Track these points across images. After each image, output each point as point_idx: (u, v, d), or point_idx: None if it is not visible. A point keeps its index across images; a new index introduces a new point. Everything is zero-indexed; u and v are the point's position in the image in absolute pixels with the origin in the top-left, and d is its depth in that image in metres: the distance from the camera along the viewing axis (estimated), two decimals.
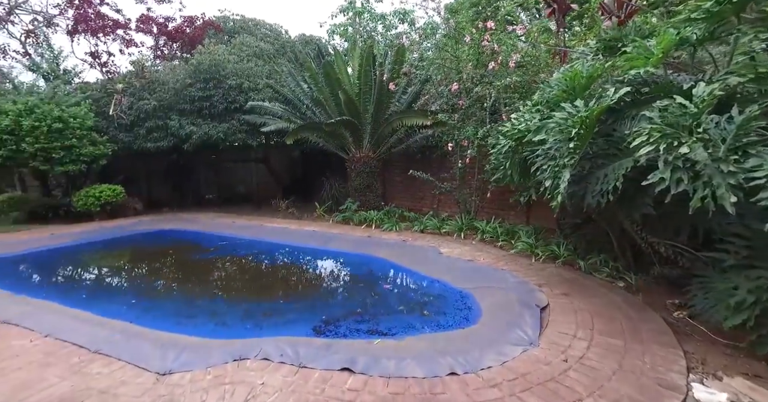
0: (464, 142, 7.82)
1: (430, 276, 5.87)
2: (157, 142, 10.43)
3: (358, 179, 10.39)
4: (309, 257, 7.80)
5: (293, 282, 6.34)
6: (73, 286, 6.17)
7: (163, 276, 6.85)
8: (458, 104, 7.75)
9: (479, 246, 7.13)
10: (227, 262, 7.52)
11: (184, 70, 10.30)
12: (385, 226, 8.85)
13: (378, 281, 6.15)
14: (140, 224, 10.28)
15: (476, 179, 8.82)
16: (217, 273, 6.90)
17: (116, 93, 10.01)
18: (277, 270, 7.03)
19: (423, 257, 6.66)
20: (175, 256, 8.12)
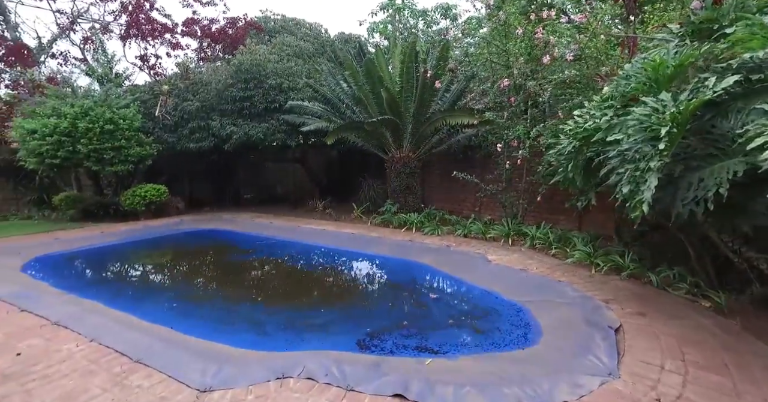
0: (514, 143, 7.32)
1: (478, 286, 5.46)
2: (199, 142, 10.58)
3: (397, 180, 10.10)
4: (348, 261, 7.57)
5: (333, 288, 6.11)
6: (118, 286, 6.24)
7: (202, 278, 6.83)
8: (508, 101, 7.25)
9: (529, 253, 6.63)
10: (265, 264, 7.42)
11: (225, 70, 10.38)
12: (426, 230, 8.50)
13: (423, 290, 5.81)
14: (182, 224, 10.47)
15: (524, 181, 8.29)
16: (256, 276, 6.81)
17: (162, 94, 10.24)
18: (315, 274, 6.84)
19: (469, 264, 6.26)
20: (215, 256, 8.14)
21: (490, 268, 5.95)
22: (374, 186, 12.22)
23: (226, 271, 7.07)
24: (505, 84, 6.94)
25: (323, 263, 7.62)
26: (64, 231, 9.25)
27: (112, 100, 9.99)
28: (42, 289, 5.54)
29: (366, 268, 7.16)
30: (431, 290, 5.75)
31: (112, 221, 10.54)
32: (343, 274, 6.99)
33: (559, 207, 8.43)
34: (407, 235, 8.39)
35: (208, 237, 9.63)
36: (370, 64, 8.17)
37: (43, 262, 7.24)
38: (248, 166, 15.78)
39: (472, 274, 5.87)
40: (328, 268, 7.36)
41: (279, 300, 5.45)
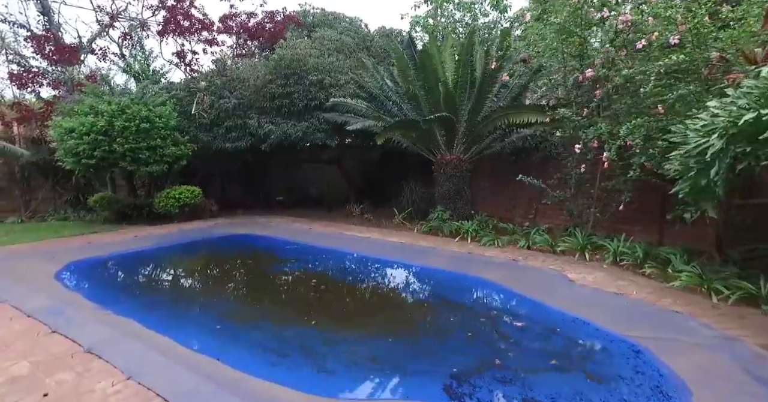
0: (593, 143, 6.36)
1: (567, 312, 4.59)
2: (236, 141, 10.08)
3: (447, 184, 9.29)
4: (403, 275, 6.83)
5: (393, 309, 5.36)
6: (154, 300, 5.67)
7: (244, 291, 6.20)
8: (593, 95, 6.30)
9: (616, 272, 5.70)
10: (310, 276, 6.73)
11: (264, 66, 9.84)
12: (483, 241, 7.66)
13: (501, 315, 4.99)
14: (217, 227, 9.98)
15: (598, 187, 7.33)
16: (301, 290, 6.13)
17: (199, 91, 9.80)
18: (368, 290, 6.11)
19: (547, 284, 5.40)
20: (254, 266, 7.54)
21: (575, 290, 5.07)
22: (417, 190, 11.46)
23: (269, 284, 6.44)
24: (588, 75, 6.01)
25: (374, 277, 6.89)
26: (98, 234, 8.88)
27: (149, 97, 9.61)
28: (75, 302, 5.04)
29: (425, 285, 6.37)
30: (511, 316, 4.91)
31: (145, 223, 10.17)
32: (400, 290, 6.21)
33: (634, 216, 7.44)
34: (462, 245, 7.57)
35: (245, 243, 9.09)
36: (425, 57, 7.39)
37: (77, 268, 6.82)
38: (280, 167, 15.29)
39: (554, 296, 5.01)
40: (382, 283, 6.62)
41: (334, 324, 4.74)
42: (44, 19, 12.81)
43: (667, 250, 6.04)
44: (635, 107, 6.04)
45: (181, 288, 6.33)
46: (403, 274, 6.81)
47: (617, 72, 5.78)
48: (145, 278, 6.88)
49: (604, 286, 5.07)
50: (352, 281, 6.59)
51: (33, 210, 12.44)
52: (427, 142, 9.29)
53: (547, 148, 9.15)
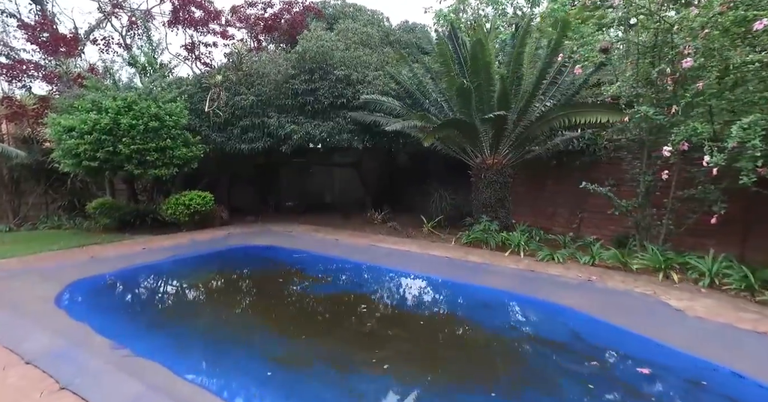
0: (684, 146, 5.50)
1: (700, 357, 3.72)
2: (252, 142, 9.13)
3: (488, 191, 8.46)
4: (464, 299, 5.91)
5: (476, 347, 4.41)
6: (182, 334, 4.69)
7: (286, 322, 5.14)
8: (687, 89, 5.47)
9: (726, 299, 4.84)
10: (356, 300, 5.77)
11: (286, 60, 8.91)
12: (540, 256, 6.81)
13: (611, 356, 4.11)
14: (232, 238, 9.00)
15: (673, 197, 6.55)
16: (353, 320, 5.16)
17: (214, 86, 8.83)
18: (434, 320, 5.15)
19: (648, 314, 4.57)
20: (288, 285, 6.54)
21: (690, 324, 4.24)
22: (446, 197, 10.62)
23: (312, 311, 5.49)
24: (686, 65, 5.17)
25: (434, 301, 5.95)
26: (100, 246, 7.86)
27: (158, 92, 8.62)
28: (85, 340, 4.09)
29: (496, 312, 5.40)
30: (626, 358, 4.03)
31: (150, 233, 9.16)
32: (470, 319, 5.20)
33: (705, 228, 6.65)
34: (516, 261, 6.72)
35: (269, 257, 8.14)
36: (479, 49, 6.54)
37: (80, 289, 5.83)
38: (291, 170, 14.34)
39: (668, 332, 4.17)
40: (445, 309, 5.65)
41: (411, 368, 3.83)
42: (36, 8, 11.75)
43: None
44: (739, 102, 5.25)
45: (208, 315, 5.35)
46: (465, 297, 5.90)
47: (723, 60, 4.97)
48: (162, 301, 5.91)
49: (727, 318, 4.24)
50: (410, 307, 5.62)
51: (22, 217, 11.34)
52: (465, 145, 8.46)
53: (596, 151, 8.40)
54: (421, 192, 13.35)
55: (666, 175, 5.98)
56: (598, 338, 4.39)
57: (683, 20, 5.46)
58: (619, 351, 4.19)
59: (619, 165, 8.29)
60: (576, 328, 4.60)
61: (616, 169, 8.30)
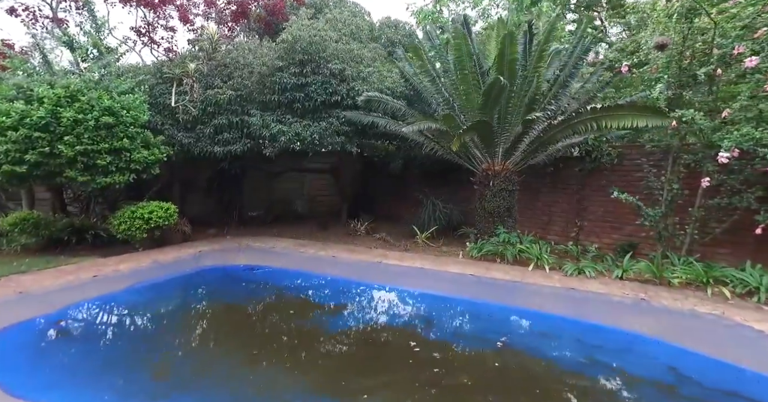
0: (734, 152, 5.16)
1: None
2: (229, 145, 7.75)
3: (496, 200, 7.86)
4: (510, 327, 5.09)
5: (562, 396, 3.61)
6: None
7: (307, 377, 3.97)
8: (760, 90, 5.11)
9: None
10: (391, 337, 4.70)
11: (272, 50, 7.67)
12: (569, 270, 6.27)
13: (720, 397, 3.49)
14: (204, 258, 7.53)
15: (699, 206, 6.33)
16: (400, 367, 4.05)
17: (185, 77, 7.36)
18: (498, 360, 4.22)
19: (735, 339, 4.09)
20: (293, 319, 5.31)
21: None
22: (439, 205, 9.91)
23: (339, 356, 4.35)
24: (750, 64, 4.85)
25: (483, 333, 4.94)
26: (29, 275, 6.06)
27: (111, 80, 6.98)
28: None
29: (562, 343, 4.59)
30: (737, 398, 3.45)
31: (95, 253, 7.41)
32: (540, 357, 4.29)
33: (719, 236, 6.52)
34: (543, 276, 6.11)
35: (256, 280, 6.83)
36: (509, 42, 5.88)
37: (11, 343, 4.22)
38: (256, 177, 12.86)
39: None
40: (505, 343, 4.69)
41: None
42: None
43: None
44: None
45: (200, 370, 4.03)
46: (515, 325, 5.09)
47: None
48: (133, 353, 4.43)
49: None
50: (463, 342, 4.62)
51: None
52: (477, 149, 7.80)
53: (597, 158, 8.13)
54: (402, 200, 12.60)
55: (707, 182, 5.71)
56: (704, 376, 3.77)
57: (733, 18, 5.22)
58: (724, 387, 3.60)
59: (622, 172, 8.13)
60: (667, 361, 3.99)
61: (618, 177, 8.12)
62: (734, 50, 5.30)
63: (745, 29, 5.43)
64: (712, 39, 5.62)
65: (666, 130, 6.29)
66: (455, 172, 10.43)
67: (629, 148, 8.04)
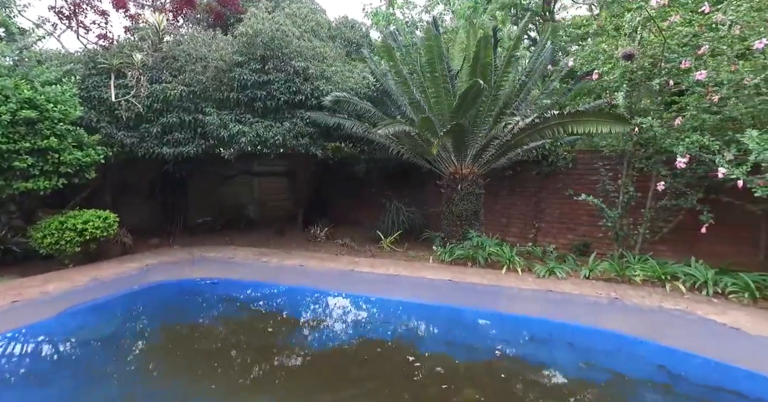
0: (684, 161, 5.58)
1: None
2: (180, 145, 6.96)
3: (463, 203, 7.92)
4: (501, 334, 5.03)
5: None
6: None
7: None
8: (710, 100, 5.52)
9: (748, 309, 4.95)
10: (386, 351, 4.40)
11: (230, 43, 7.00)
12: (540, 272, 6.42)
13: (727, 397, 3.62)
14: (153, 272, 6.69)
15: (650, 208, 6.82)
16: (404, 386, 3.80)
17: (129, 69, 6.45)
18: (500, 369, 4.09)
19: (705, 334, 4.38)
20: (270, 341, 4.77)
21: (759, 342, 4.11)
22: (402, 209, 9.80)
23: (333, 374, 3.97)
24: (700, 77, 5.26)
25: (477, 342, 4.81)
26: None
27: (31, 67, 5.93)
28: None
29: (555, 347, 4.60)
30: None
31: (8, 273, 6.29)
32: (539, 363, 4.32)
33: (665, 235, 7.11)
34: (518, 279, 6.20)
35: (220, 295, 6.18)
36: (484, 45, 5.90)
37: None
38: (202, 180, 11.87)
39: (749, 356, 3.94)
40: (501, 351, 4.58)
41: None
42: None
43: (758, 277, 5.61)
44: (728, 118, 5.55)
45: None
46: (506, 331, 5.01)
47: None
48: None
49: (762, 331, 4.25)
50: (460, 352, 4.42)
51: None
52: (447, 152, 7.78)
53: (553, 162, 8.50)
54: (359, 204, 12.33)
55: (662, 186, 6.14)
56: (688, 372, 3.94)
57: (676, 35, 5.67)
58: (727, 388, 3.76)
59: (577, 175, 8.58)
60: (654, 360, 4.15)
61: (573, 180, 8.57)
62: (681, 64, 5.77)
63: (687, 46, 5.92)
64: (662, 53, 6.08)
65: (621, 136, 6.69)
66: (415, 175, 10.41)
67: (582, 152, 8.52)
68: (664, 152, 6.35)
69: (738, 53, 5.43)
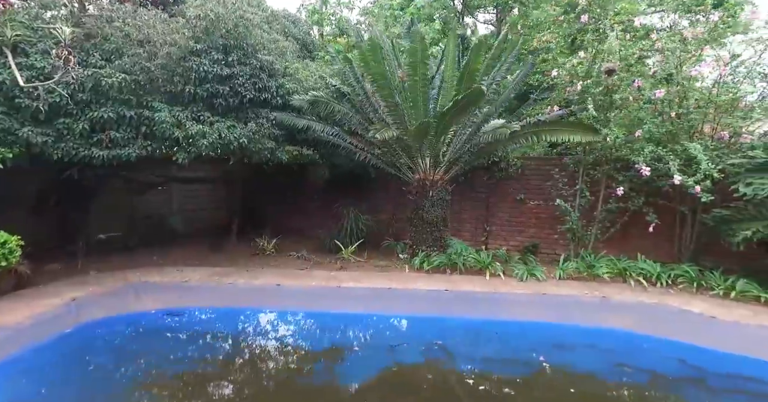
0: (647, 169, 6.27)
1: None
2: (118, 147, 5.56)
3: (434, 210, 7.88)
4: (524, 344, 4.99)
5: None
6: None
7: None
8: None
9: (701, 298, 5.74)
10: (427, 386, 3.94)
11: (185, 27, 5.80)
12: (518, 274, 6.62)
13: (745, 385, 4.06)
14: (85, 308, 5.19)
15: (602, 210, 7.60)
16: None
17: (56, 46, 4.86)
18: (550, 381, 4.02)
19: (691, 325, 4.95)
20: (287, 380, 3.94)
21: (733, 329, 4.74)
22: (361, 217, 9.38)
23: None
24: (659, 95, 6.04)
25: (511, 355, 4.70)
26: None
27: None
28: None
29: (580, 353, 4.71)
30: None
31: None
32: (580, 372, 4.34)
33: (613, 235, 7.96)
34: (506, 283, 6.38)
35: (185, 331, 5.03)
36: (476, 51, 5.89)
37: None
38: (113, 188, 9.85)
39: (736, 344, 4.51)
40: (539, 362, 4.50)
41: None
42: None
43: (688, 268, 6.61)
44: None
45: None
46: (528, 340, 5.00)
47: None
48: None
49: (748, 318, 4.93)
50: (515, 373, 4.24)
51: None
52: (417, 158, 7.64)
53: (505, 168, 9.00)
54: (299, 212, 11.52)
55: (621, 191, 6.87)
56: (708, 364, 4.34)
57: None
58: (739, 375, 4.22)
59: (525, 180, 9.20)
60: (671, 354, 4.52)
61: (521, 185, 9.18)
62: (634, 83, 6.56)
63: (638, 64, 6.77)
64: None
65: (585, 145, 7.31)
66: (363, 181, 10.11)
67: (530, 159, 9.18)
68: (620, 160, 7.17)
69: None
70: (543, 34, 8.39)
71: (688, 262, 6.83)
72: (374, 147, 8.07)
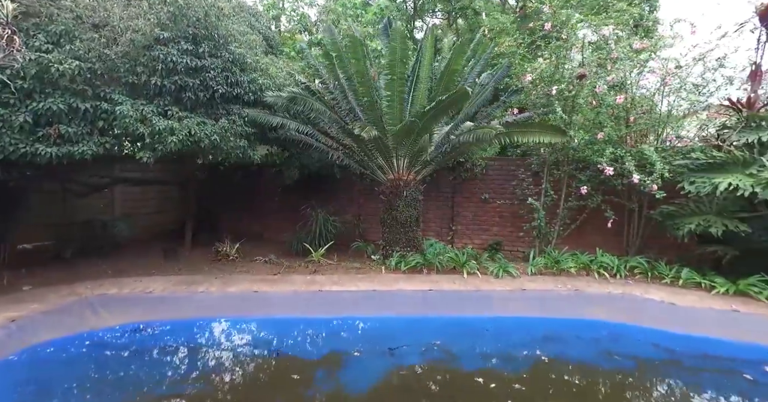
0: (611, 169, 6.72)
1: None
2: (70, 143, 4.87)
3: (408, 210, 7.91)
4: (519, 338, 5.10)
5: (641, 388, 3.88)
6: None
7: None
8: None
9: (658, 286, 6.32)
10: (450, 392, 3.84)
11: (150, 13, 5.20)
12: (493, 271, 6.83)
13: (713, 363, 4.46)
14: (29, 329, 4.48)
15: (564, 207, 8.10)
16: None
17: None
18: (549, 369, 4.13)
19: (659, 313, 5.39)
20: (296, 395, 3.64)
21: (691, 313, 5.27)
22: (329, 218, 9.14)
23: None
24: (619, 101, 6.56)
25: (516, 354, 4.74)
26: None
27: None
28: None
29: (570, 344, 4.89)
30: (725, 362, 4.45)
31: None
32: (571, 361, 4.50)
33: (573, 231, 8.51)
34: (485, 281, 6.53)
35: (157, 347, 4.50)
36: (458, 52, 5.98)
37: None
38: (43, 192, 8.70)
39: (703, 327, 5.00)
40: (534, 353, 4.64)
41: None
42: None
43: (641, 259, 7.26)
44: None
45: None
46: (522, 334, 5.12)
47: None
48: None
49: (704, 303, 5.49)
50: (523, 370, 4.29)
51: None
52: (391, 159, 7.59)
53: (472, 168, 9.27)
54: (258, 215, 11.00)
55: (585, 190, 7.35)
56: (678, 347, 4.75)
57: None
58: (707, 355, 4.64)
59: (489, 180, 9.53)
60: (647, 340, 4.88)
61: (486, 184, 9.51)
62: (596, 89, 7.08)
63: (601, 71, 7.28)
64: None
65: (551, 146, 7.71)
66: (332, 182, 9.88)
67: (493, 159, 9.53)
68: (581, 161, 7.68)
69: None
70: (505, 40, 8.76)
71: (635, 254, 7.49)
72: (346, 147, 7.92)
